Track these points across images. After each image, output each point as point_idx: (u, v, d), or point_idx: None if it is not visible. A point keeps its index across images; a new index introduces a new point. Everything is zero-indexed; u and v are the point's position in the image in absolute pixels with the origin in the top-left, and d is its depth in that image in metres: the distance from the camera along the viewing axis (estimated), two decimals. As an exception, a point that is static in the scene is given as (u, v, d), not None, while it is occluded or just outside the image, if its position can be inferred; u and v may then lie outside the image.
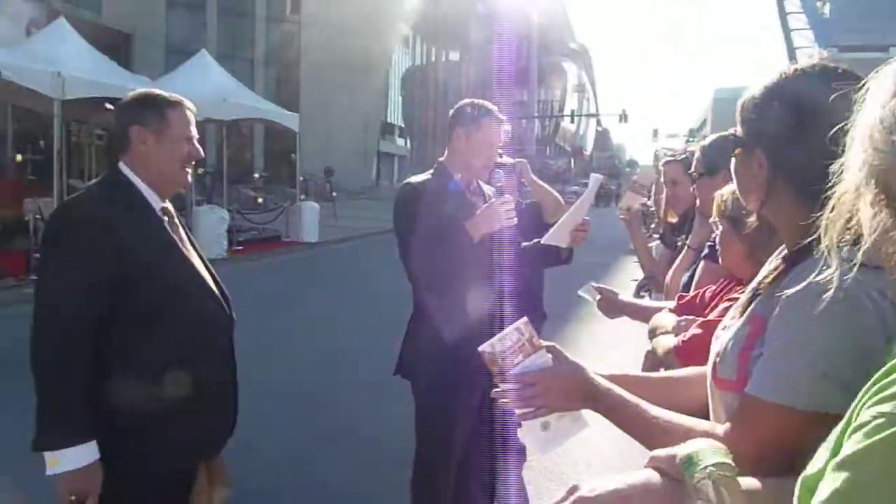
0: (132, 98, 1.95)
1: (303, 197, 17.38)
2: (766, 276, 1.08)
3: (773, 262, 1.11)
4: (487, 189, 2.75)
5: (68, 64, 9.99)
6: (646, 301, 2.83)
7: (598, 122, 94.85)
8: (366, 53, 35.11)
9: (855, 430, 0.57)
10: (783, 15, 54.92)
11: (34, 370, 1.69)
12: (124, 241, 1.76)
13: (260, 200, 21.03)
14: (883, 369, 0.60)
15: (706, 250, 2.07)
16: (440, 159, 2.71)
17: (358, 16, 33.67)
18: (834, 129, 0.70)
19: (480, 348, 1.27)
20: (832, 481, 0.57)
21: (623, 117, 44.81)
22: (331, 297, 9.68)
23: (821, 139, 0.76)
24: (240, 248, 13.29)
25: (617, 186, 39.97)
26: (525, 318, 1.29)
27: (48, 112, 10.05)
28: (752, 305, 1.06)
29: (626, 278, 8.55)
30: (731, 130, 1.16)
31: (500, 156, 3.49)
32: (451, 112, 2.69)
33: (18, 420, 1.80)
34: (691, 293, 2.02)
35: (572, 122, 72.24)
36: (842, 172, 0.68)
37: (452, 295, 2.39)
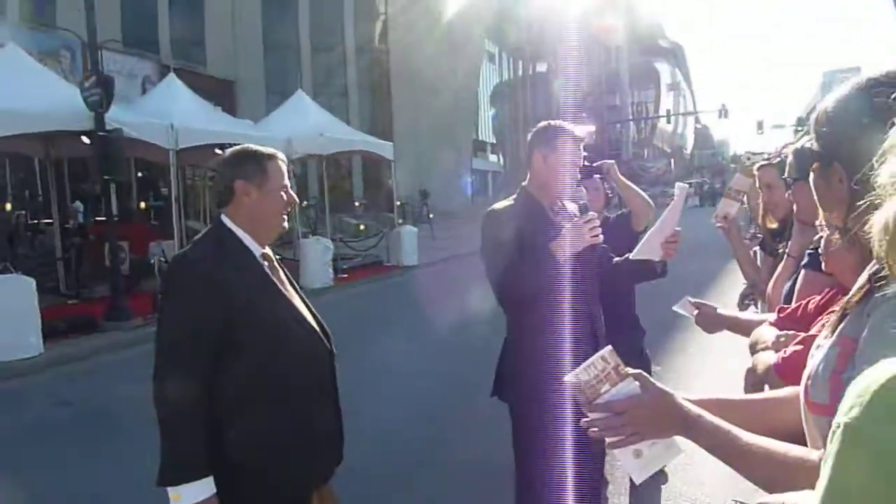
0: (233, 154, 2.10)
1: (400, 221, 17.80)
2: (854, 295, 1.03)
3: (861, 280, 1.06)
4: (572, 207, 2.74)
5: (179, 116, 10.81)
6: (747, 314, 2.71)
7: (697, 120, 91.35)
8: (453, 74, 35.67)
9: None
10: (895, -13, 50.97)
11: (157, 407, 1.86)
12: (231, 287, 1.91)
13: (362, 227, 21.73)
14: None
15: (806, 258, 1.97)
16: (523, 184, 2.74)
17: (442, 37, 34.31)
18: None
19: (566, 378, 1.28)
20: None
21: (723, 112, 42.90)
22: (429, 319, 9.81)
23: None
24: (345, 275, 13.77)
25: (722, 185, 38.20)
26: (610, 347, 1.29)
27: (165, 161, 10.89)
28: (842, 325, 1.02)
29: (732, 285, 8.16)
30: (810, 142, 1.13)
31: (586, 159, 3.47)
32: (529, 136, 2.71)
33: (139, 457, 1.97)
34: (793, 305, 1.93)
35: (668, 122, 69.99)
36: None
37: (542, 315, 2.39)
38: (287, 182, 2.10)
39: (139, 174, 17.91)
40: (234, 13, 27.69)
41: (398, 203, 18.77)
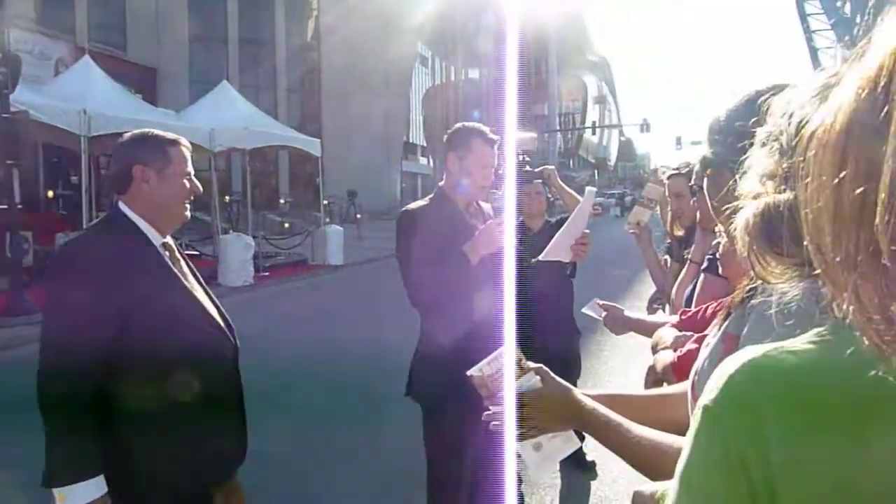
0: (131, 138, 2.00)
1: (327, 220, 17.57)
2: (737, 294, 1.08)
3: (745, 280, 1.11)
4: (487, 208, 2.77)
5: (94, 101, 10.31)
6: (653, 316, 2.81)
7: (621, 133, 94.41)
8: (385, 75, 35.56)
9: None
10: (803, 16, 54.30)
11: (41, 408, 1.74)
12: (126, 277, 1.81)
13: (286, 225, 21.31)
14: None
15: (705, 263, 2.06)
16: (440, 184, 2.74)
17: (376, 38, 34.15)
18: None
19: (469, 372, 1.29)
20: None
21: (645, 127, 44.55)
22: (352, 318, 9.73)
23: None
24: (266, 273, 13.46)
25: (640, 196, 39.54)
26: (512, 342, 1.30)
27: (76, 148, 10.35)
28: (726, 322, 1.06)
29: (646, 290, 8.45)
30: (706, 150, 1.17)
31: (526, 164, 3.49)
32: (445, 137, 2.71)
33: (36, 455, 1.85)
34: (693, 308, 2.01)
35: (594, 133, 72.07)
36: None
37: (455, 317, 2.40)
38: (190, 169, 2.02)
39: (53, 160, 16.98)
40: (159, -2, 26.71)
41: (325, 202, 18.52)
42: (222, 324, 2.05)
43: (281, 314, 10.27)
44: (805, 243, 0.55)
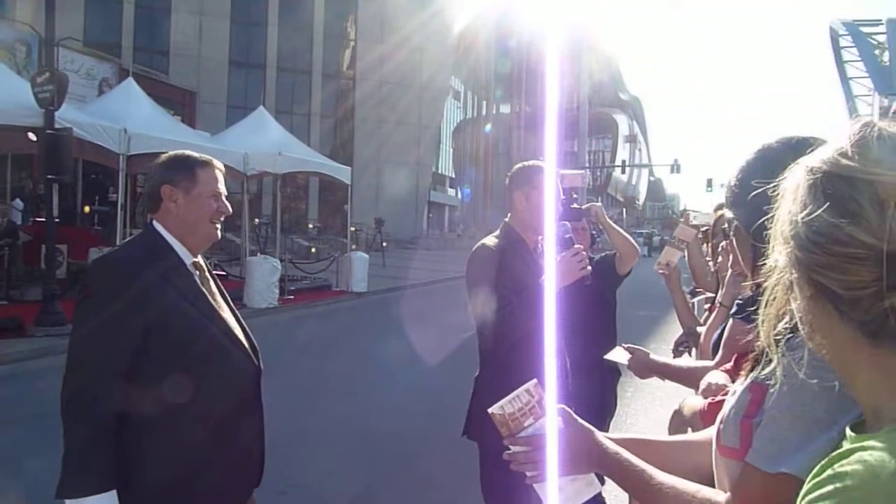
0: (164, 160, 2.04)
1: (353, 247, 17.69)
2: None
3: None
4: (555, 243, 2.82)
5: (134, 121, 10.59)
6: (679, 360, 2.76)
7: (651, 172, 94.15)
8: (418, 107, 36.05)
9: None
10: (840, 63, 53.99)
11: (63, 417, 1.75)
12: (156, 294, 1.83)
13: (313, 250, 21.51)
14: (819, 465, 0.58)
15: (735, 307, 2.03)
16: (505, 220, 2.78)
17: (411, 70, 34.72)
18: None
19: (490, 410, 1.27)
20: None
21: (675, 167, 44.33)
22: (370, 345, 9.72)
23: None
24: (291, 297, 13.55)
25: (670, 236, 39.18)
26: (535, 380, 1.29)
27: (115, 166, 10.61)
28: (754, 372, 1.04)
29: (674, 331, 8.34)
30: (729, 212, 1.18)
31: (574, 201, 3.51)
32: (509, 176, 2.77)
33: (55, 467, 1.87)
34: (720, 354, 1.97)
35: (623, 172, 71.94)
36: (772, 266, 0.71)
37: (523, 351, 2.38)
38: (221, 190, 2.05)
39: (92, 176, 17.41)
40: (202, 25, 27.53)
41: (352, 228, 18.68)
42: (247, 345, 2.06)
43: (303, 337, 10.30)
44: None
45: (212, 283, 2.09)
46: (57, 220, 9.65)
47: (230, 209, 2.09)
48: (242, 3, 30.39)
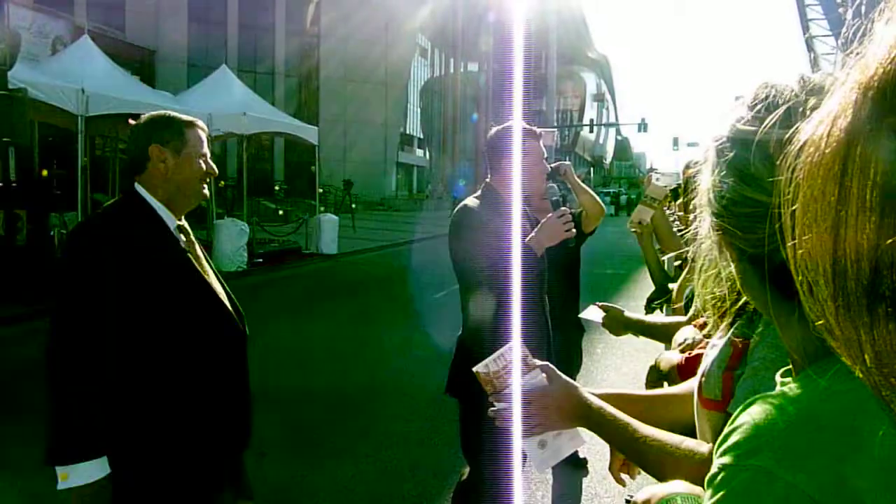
0: (149, 119, 2.00)
1: (322, 209, 17.52)
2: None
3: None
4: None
5: (92, 81, 10.21)
6: (651, 317, 2.83)
7: (618, 132, 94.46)
8: (384, 65, 35.44)
9: (707, 482, 0.57)
10: (804, 22, 54.41)
11: (49, 383, 1.73)
12: (141, 259, 1.80)
13: (281, 213, 21.26)
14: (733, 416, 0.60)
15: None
16: (486, 180, 2.77)
17: (376, 28, 34.01)
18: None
19: (475, 369, 1.30)
20: None
21: (642, 126, 44.58)
22: (342, 308, 9.74)
23: None
24: (260, 260, 13.42)
25: (638, 196, 39.65)
26: (519, 339, 1.31)
27: (73, 128, 10.27)
28: (735, 325, 1.08)
29: (644, 289, 8.50)
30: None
31: (545, 160, 3.52)
32: (489, 141, 2.76)
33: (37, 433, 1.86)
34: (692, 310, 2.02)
35: (591, 131, 72.07)
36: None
37: (505, 308, 2.41)
38: (206, 151, 2.02)
39: (49, 139, 16.81)
40: (159, -21, 26.50)
41: (320, 190, 18.47)
42: (232, 310, 2.05)
43: (275, 300, 10.26)
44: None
45: (196, 247, 2.07)
46: (14, 184, 9.34)
47: (216, 170, 2.07)
48: (201, -44, 29.28)
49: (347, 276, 13.54)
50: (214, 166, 2.02)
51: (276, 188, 28.61)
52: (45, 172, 16.84)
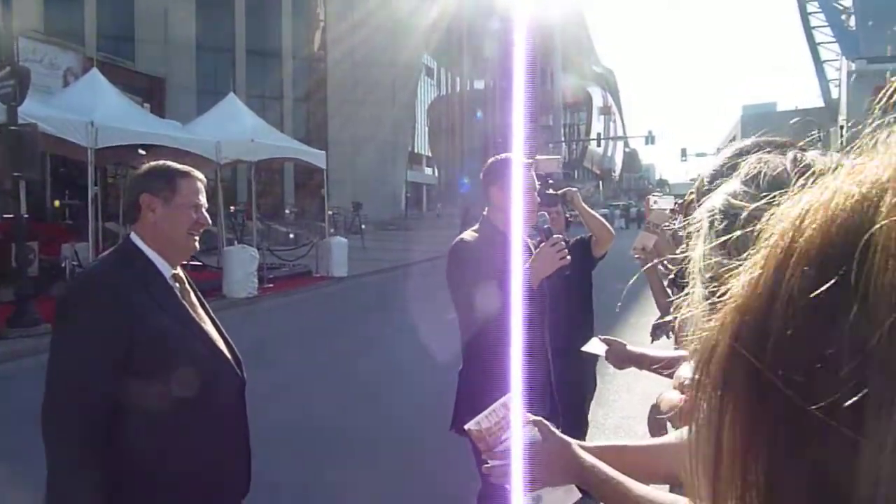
0: (144, 169, 2.02)
1: (332, 231, 17.59)
2: None
3: None
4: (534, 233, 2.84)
5: (101, 113, 10.36)
6: (654, 349, 2.79)
7: (626, 144, 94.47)
8: (391, 86, 35.73)
9: None
10: (808, 29, 54.40)
11: (45, 438, 1.73)
12: (136, 311, 1.80)
13: (291, 236, 21.36)
14: None
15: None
16: (484, 213, 2.79)
17: (382, 49, 34.34)
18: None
19: (466, 426, 1.29)
20: None
21: (650, 139, 44.58)
22: (353, 333, 9.71)
23: None
24: (270, 285, 13.46)
25: (646, 222, 39.52)
26: (510, 394, 1.30)
27: (83, 158, 10.41)
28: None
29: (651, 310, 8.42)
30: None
31: (550, 186, 3.52)
32: (483, 171, 2.79)
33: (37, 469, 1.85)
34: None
35: (599, 145, 72.17)
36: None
37: (506, 342, 2.41)
38: (201, 201, 2.03)
39: (61, 169, 17.07)
40: (167, 7, 26.91)
41: (330, 213, 18.56)
42: (230, 357, 2.05)
43: (285, 327, 10.27)
44: None
45: (192, 294, 2.07)
46: (26, 216, 9.44)
47: (210, 221, 2.08)
48: (207, -15, 29.72)
49: (357, 299, 13.53)
50: (209, 218, 2.03)
51: (287, 211, 28.77)
52: (56, 203, 17.12)
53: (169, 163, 2.05)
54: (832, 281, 0.33)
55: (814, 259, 0.34)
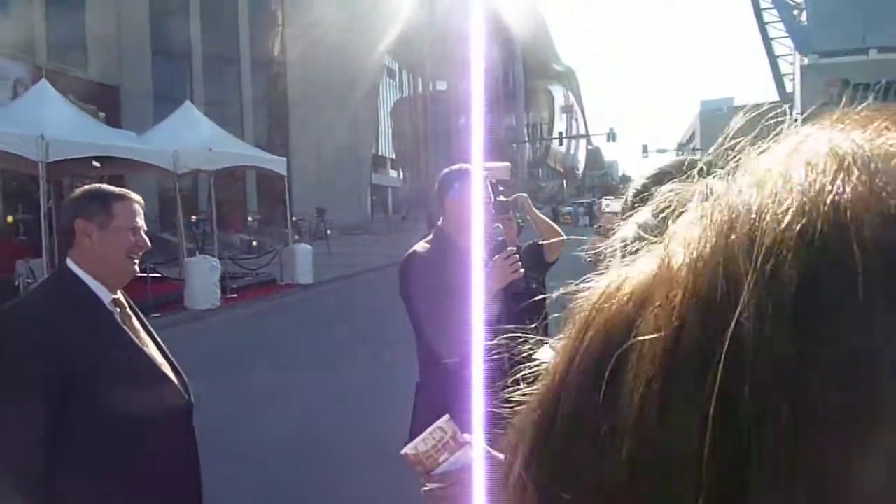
0: (78, 193, 1.99)
1: (296, 238, 17.43)
2: None
3: None
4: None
5: (52, 126, 10.09)
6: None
7: (588, 142, 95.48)
8: (352, 88, 35.53)
9: None
10: (762, 25, 55.63)
11: None
12: (70, 344, 1.77)
13: (254, 244, 21.10)
14: None
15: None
16: (438, 224, 2.78)
17: (342, 52, 34.13)
18: None
19: (403, 451, 1.29)
20: None
21: (611, 136, 45.13)
22: (320, 343, 9.60)
23: None
24: (234, 295, 13.28)
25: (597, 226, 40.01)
26: (447, 416, 1.30)
27: (36, 173, 10.13)
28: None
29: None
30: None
31: (500, 193, 3.53)
32: (437, 182, 2.78)
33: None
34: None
35: (561, 143, 72.83)
36: None
37: (463, 356, 2.40)
38: (139, 224, 1.99)
39: (13, 183, 16.62)
40: (120, 13, 26.36)
41: (293, 219, 18.38)
42: (176, 380, 2.01)
43: (248, 338, 10.13)
44: None
45: (133, 318, 2.03)
46: (-24, 234, 9.17)
47: (149, 243, 2.04)
48: (161, -11, 29.18)
49: (322, 306, 13.41)
50: (147, 240, 2.00)
51: (250, 219, 28.43)
52: (10, 219, 16.65)
53: (103, 186, 2.03)
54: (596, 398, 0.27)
55: (590, 366, 0.29)
